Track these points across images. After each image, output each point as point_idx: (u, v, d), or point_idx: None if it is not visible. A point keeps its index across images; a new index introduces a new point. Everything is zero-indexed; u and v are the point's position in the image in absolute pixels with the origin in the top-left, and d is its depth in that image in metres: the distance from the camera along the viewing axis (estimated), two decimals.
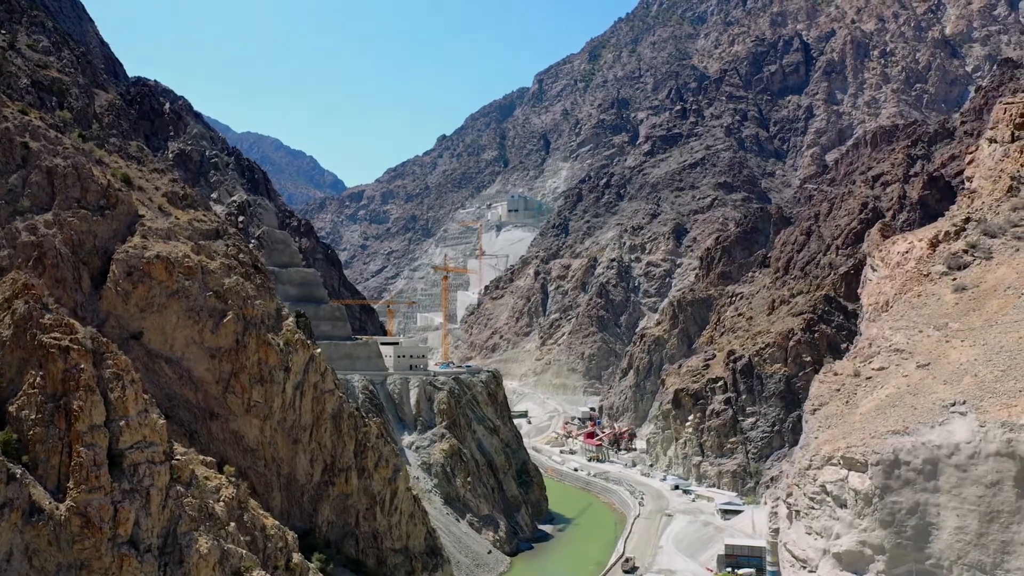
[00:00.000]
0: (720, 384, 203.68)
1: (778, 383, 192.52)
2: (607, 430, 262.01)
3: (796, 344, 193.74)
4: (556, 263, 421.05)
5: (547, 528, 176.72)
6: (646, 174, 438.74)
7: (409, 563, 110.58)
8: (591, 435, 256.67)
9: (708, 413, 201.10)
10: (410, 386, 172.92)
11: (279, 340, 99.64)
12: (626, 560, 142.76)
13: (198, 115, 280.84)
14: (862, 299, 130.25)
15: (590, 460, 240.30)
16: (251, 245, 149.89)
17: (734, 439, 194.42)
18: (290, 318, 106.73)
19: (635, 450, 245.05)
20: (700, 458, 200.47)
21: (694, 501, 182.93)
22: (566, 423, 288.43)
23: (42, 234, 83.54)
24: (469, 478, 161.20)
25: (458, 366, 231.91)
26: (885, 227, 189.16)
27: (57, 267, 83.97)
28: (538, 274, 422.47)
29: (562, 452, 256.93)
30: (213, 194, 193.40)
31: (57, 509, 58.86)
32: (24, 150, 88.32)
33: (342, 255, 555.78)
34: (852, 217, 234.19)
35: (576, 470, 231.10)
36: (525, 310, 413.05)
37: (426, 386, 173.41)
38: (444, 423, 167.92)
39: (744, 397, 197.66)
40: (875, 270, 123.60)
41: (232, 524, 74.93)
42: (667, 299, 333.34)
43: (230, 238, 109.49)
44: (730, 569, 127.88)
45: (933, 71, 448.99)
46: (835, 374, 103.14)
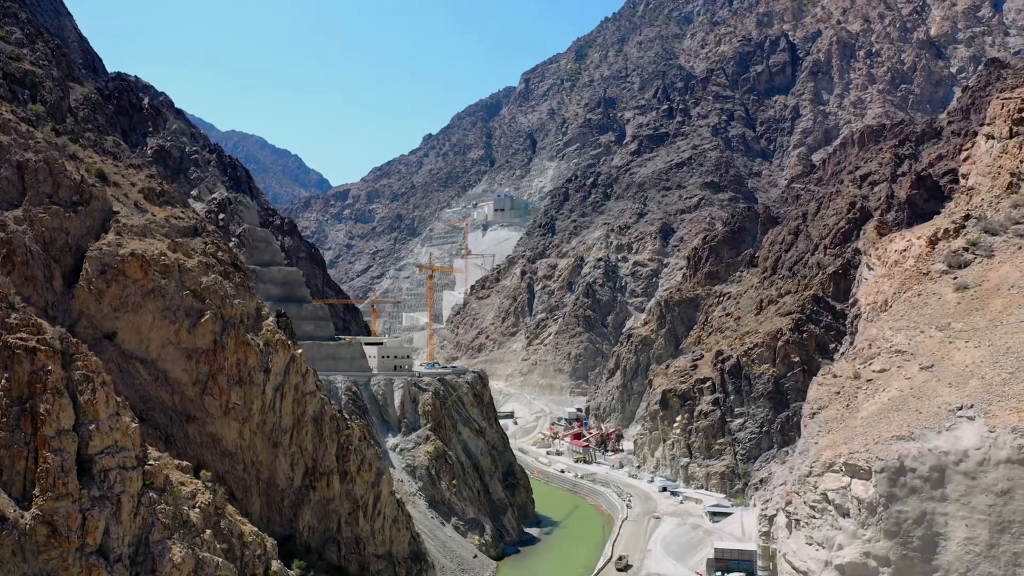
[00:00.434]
0: (708, 385, 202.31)
1: (766, 383, 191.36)
2: (594, 431, 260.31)
3: (784, 344, 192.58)
4: (542, 263, 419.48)
5: (534, 531, 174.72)
6: (633, 173, 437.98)
7: (392, 569, 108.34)
8: (578, 436, 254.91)
9: (696, 414, 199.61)
10: (394, 387, 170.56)
11: (259, 340, 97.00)
12: (619, 558, 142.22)
13: (179, 112, 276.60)
14: (859, 298, 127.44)
15: (577, 461, 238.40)
16: (231, 243, 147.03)
17: (722, 440, 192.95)
18: (270, 318, 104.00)
19: (622, 451, 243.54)
20: (688, 459, 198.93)
21: (682, 503, 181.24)
22: (553, 424, 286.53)
23: (11, 231, 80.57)
24: (454, 481, 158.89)
25: (444, 367, 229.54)
26: (881, 224, 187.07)
27: (27, 265, 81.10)
28: (524, 274, 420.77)
29: (549, 453, 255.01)
30: (193, 191, 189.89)
31: (22, 517, 56.08)
32: None
33: (327, 254, 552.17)
34: (840, 216, 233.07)
35: (563, 472, 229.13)
36: (511, 310, 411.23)
37: (411, 387, 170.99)
38: (429, 425, 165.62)
39: (732, 398, 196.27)
40: (871, 269, 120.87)
41: (208, 531, 72.45)
42: (654, 299, 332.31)
43: (209, 235, 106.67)
44: (720, 574, 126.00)
45: (918, 72, 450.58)
46: (834, 376, 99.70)
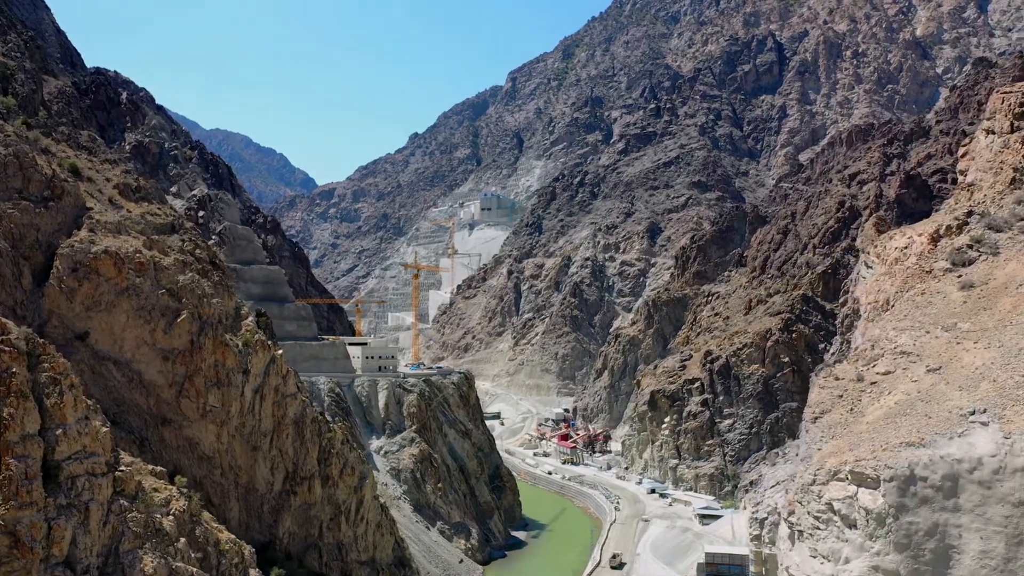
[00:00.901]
0: (697, 385, 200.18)
1: (756, 384, 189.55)
2: (581, 432, 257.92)
3: (774, 344, 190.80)
4: (529, 262, 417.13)
5: (521, 535, 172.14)
6: (620, 173, 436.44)
7: (376, 575, 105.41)
8: (565, 437, 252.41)
9: (685, 415, 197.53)
10: (379, 388, 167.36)
11: (237, 341, 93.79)
12: (613, 556, 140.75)
13: (160, 108, 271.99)
14: (858, 297, 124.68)
15: (564, 463, 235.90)
16: (211, 241, 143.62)
17: (711, 441, 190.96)
18: (249, 317, 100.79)
19: (610, 452, 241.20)
20: (677, 461, 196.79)
21: (671, 505, 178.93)
22: (540, 425, 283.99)
23: None
24: (440, 484, 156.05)
25: (429, 367, 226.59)
26: (880, 221, 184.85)
27: None
28: (511, 273, 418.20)
29: (536, 454, 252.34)
30: (173, 188, 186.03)
31: None
32: None
33: (312, 254, 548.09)
34: (829, 216, 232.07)
35: (550, 473, 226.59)
36: (498, 310, 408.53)
37: (395, 388, 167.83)
38: (414, 427, 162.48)
39: (721, 399, 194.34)
40: (870, 267, 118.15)
41: (182, 540, 69.36)
42: (642, 299, 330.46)
43: (187, 233, 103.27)
44: None
45: (904, 72, 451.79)
46: (836, 378, 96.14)
